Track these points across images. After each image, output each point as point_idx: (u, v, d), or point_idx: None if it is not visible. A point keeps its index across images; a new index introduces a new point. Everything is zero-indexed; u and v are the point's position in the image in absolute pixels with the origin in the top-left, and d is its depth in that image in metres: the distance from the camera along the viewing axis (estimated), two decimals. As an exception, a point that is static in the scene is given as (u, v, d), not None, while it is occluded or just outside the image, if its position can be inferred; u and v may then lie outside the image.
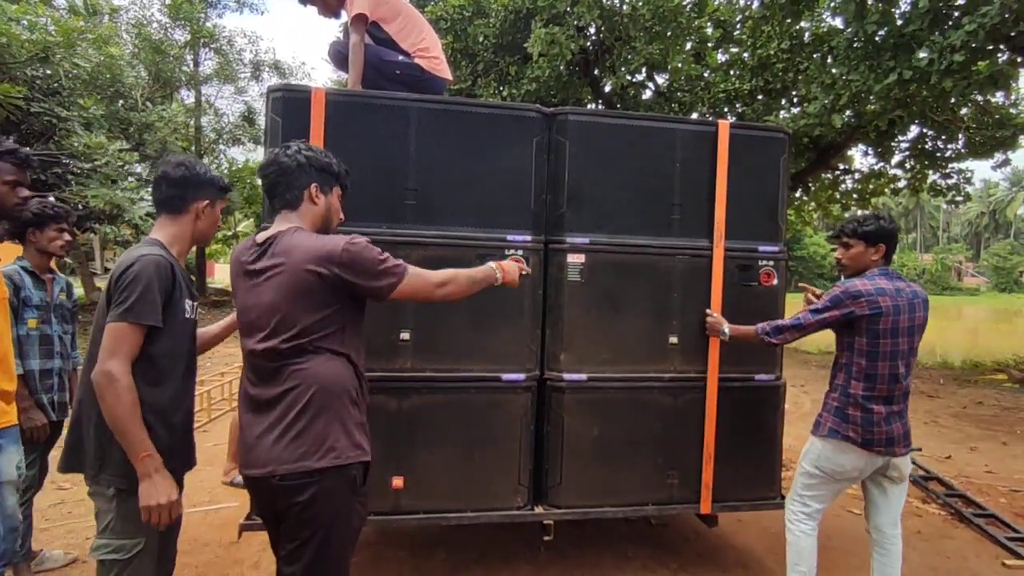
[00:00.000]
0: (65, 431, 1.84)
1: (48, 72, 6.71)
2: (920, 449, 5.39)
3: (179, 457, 1.81)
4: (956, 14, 6.79)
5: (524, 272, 2.10)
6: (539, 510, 2.73)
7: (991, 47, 6.54)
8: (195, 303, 1.90)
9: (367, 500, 1.80)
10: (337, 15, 3.18)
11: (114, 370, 1.60)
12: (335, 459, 1.61)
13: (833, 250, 2.70)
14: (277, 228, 1.73)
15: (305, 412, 1.61)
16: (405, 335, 2.58)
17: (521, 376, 2.69)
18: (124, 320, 1.63)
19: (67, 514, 3.67)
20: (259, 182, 1.94)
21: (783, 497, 3.01)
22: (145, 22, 15.89)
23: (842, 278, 2.59)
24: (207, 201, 1.88)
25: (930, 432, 6.36)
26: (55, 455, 2.17)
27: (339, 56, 3.17)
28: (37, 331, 2.71)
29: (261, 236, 1.74)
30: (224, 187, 1.95)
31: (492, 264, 1.99)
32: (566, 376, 2.72)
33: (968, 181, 11.98)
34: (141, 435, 1.61)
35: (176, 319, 1.76)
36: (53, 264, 2.87)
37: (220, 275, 33.78)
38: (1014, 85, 8.16)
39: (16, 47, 5.91)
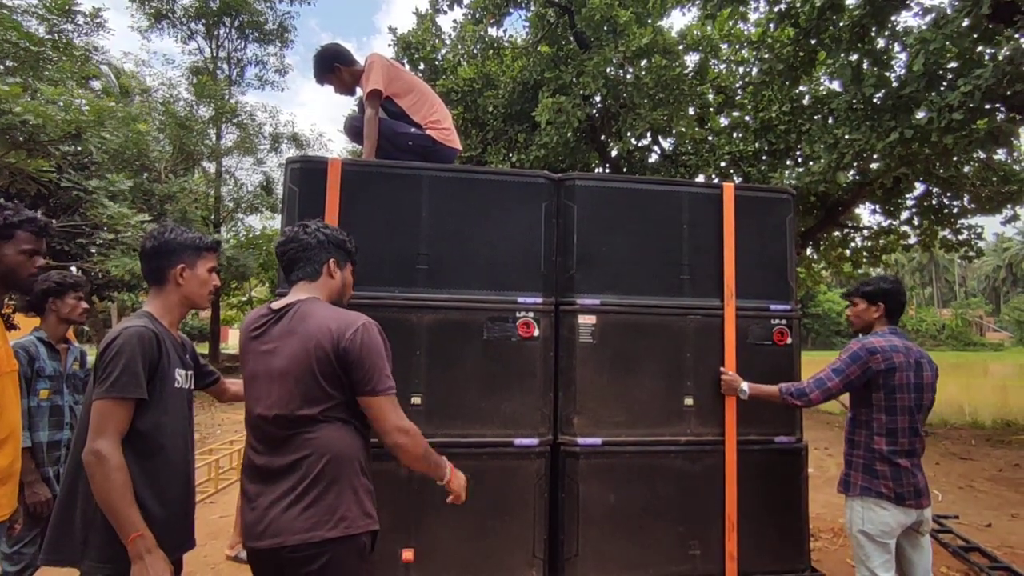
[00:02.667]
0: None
1: (79, 148, 7.05)
2: (957, 517, 5.12)
3: (176, 536, 1.73)
4: (951, 76, 6.99)
5: (460, 497, 1.87)
6: (555, 585, 2.60)
7: (988, 106, 6.68)
8: (189, 371, 1.87)
9: (374, 569, 1.74)
10: (352, 92, 3.34)
11: (103, 449, 1.55)
12: (346, 529, 1.58)
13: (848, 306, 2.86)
14: (295, 297, 1.75)
15: (318, 482, 1.59)
16: (416, 399, 2.55)
17: (534, 441, 2.63)
18: (108, 396, 1.60)
19: (67, 591, 3.55)
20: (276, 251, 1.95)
21: (814, 569, 2.86)
22: (172, 100, 16.79)
23: (859, 335, 2.67)
24: (182, 265, 1.85)
25: (966, 497, 6.03)
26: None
27: (354, 130, 3.32)
28: (48, 402, 2.70)
29: (276, 304, 1.75)
30: (203, 246, 1.90)
31: (450, 465, 1.83)
32: (580, 440, 2.65)
33: (979, 236, 11.92)
34: (132, 515, 1.55)
35: (166, 390, 1.73)
36: (71, 333, 2.90)
37: (233, 340, 34.03)
38: (1015, 142, 8.28)
39: (51, 126, 6.25)
